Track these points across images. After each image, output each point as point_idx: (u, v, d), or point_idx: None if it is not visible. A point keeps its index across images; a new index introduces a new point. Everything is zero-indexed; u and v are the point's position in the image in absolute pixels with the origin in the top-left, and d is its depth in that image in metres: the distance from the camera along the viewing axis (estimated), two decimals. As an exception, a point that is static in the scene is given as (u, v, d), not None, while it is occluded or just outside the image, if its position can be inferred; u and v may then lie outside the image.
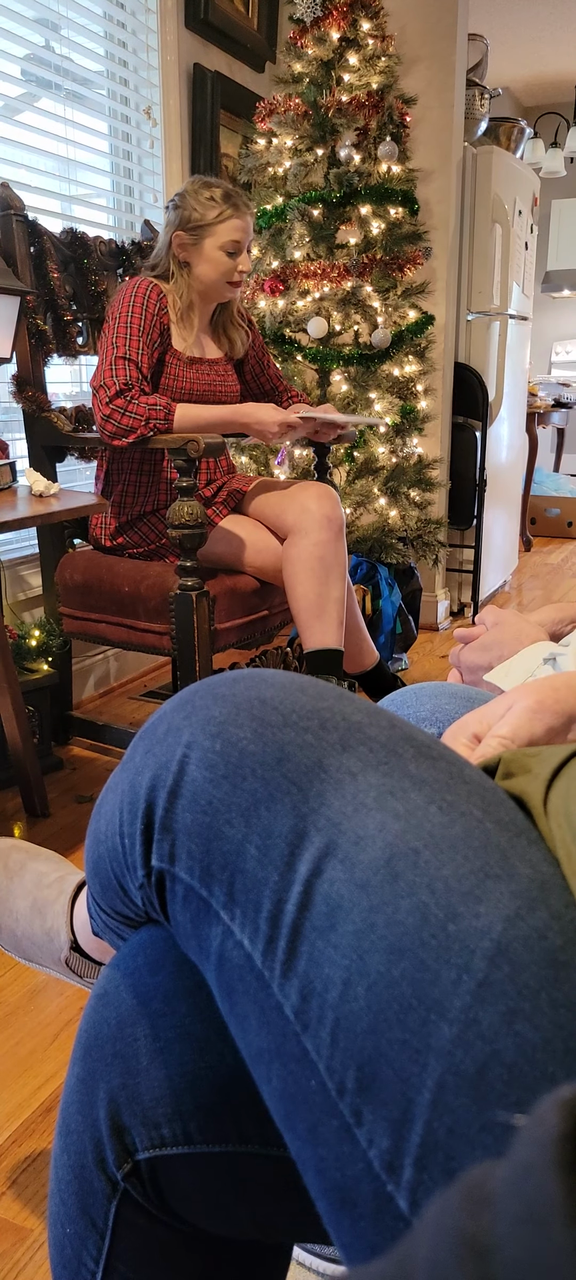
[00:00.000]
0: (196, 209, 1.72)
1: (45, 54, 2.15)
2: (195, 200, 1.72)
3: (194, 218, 1.72)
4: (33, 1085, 1.08)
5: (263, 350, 2.01)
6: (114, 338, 1.66)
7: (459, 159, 2.83)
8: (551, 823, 0.38)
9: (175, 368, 1.77)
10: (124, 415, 1.60)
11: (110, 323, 1.69)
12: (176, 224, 1.74)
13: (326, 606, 1.72)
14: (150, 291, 1.71)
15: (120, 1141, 0.46)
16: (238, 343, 1.90)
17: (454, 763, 0.40)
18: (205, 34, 2.60)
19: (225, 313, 1.89)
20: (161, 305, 1.73)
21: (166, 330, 1.75)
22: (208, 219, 1.72)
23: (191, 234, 1.73)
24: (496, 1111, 0.31)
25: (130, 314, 1.68)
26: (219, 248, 1.73)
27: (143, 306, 1.69)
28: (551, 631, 0.78)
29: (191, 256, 1.75)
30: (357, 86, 2.36)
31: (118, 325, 1.67)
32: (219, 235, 1.72)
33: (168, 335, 1.76)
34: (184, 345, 1.79)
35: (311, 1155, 0.36)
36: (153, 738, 0.44)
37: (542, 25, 4.42)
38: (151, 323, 1.70)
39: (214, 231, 1.72)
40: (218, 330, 1.89)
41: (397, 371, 2.52)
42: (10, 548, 2.08)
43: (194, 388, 1.79)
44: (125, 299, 1.70)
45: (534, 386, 4.73)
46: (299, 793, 0.38)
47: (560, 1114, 0.19)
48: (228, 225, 1.72)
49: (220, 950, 0.39)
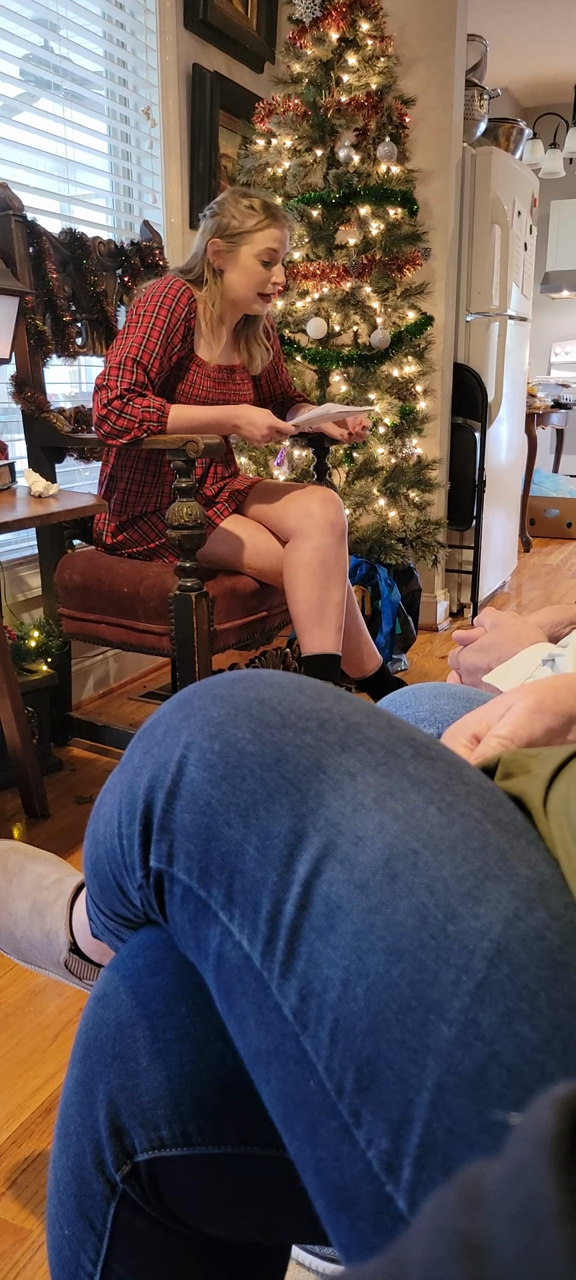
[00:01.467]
0: (235, 217, 1.72)
1: (44, 54, 2.15)
2: (234, 208, 1.72)
3: (232, 225, 1.72)
4: (32, 1086, 1.08)
5: (279, 356, 2.01)
6: (133, 336, 1.65)
7: (458, 160, 2.83)
8: (551, 823, 0.38)
9: (196, 375, 1.77)
10: (119, 417, 1.61)
11: (133, 317, 1.68)
12: (213, 231, 1.74)
13: (326, 611, 1.72)
14: (181, 294, 1.70)
15: (119, 1143, 0.46)
16: (257, 359, 1.89)
17: (453, 763, 0.40)
18: (204, 34, 2.60)
19: (251, 326, 1.88)
20: (191, 309, 1.72)
21: (191, 334, 1.74)
22: (246, 226, 1.71)
23: (228, 240, 1.72)
24: (495, 1112, 0.31)
25: (156, 314, 1.67)
26: (254, 255, 1.72)
27: (170, 308, 1.68)
28: (550, 633, 0.78)
29: (226, 263, 1.74)
30: (357, 87, 2.36)
31: (140, 324, 1.66)
32: (255, 244, 1.72)
33: (191, 339, 1.75)
34: (210, 355, 1.78)
35: (310, 1156, 0.36)
36: (151, 739, 0.44)
37: (542, 26, 4.42)
38: (176, 326, 1.69)
39: (251, 240, 1.72)
40: (239, 341, 1.88)
41: (397, 372, 2.52)
42: (9, 548, 2.07)
43: (210, 397, 1.79)
44: (155, 297, 1.69)
45: (533, 387, 4.73)
46: (297, 793, 0.38)
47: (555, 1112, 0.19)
48: (265, 234, 1.72)
49: (219, 951, 0.39)
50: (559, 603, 1.47)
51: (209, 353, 1.78)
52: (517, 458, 3.72)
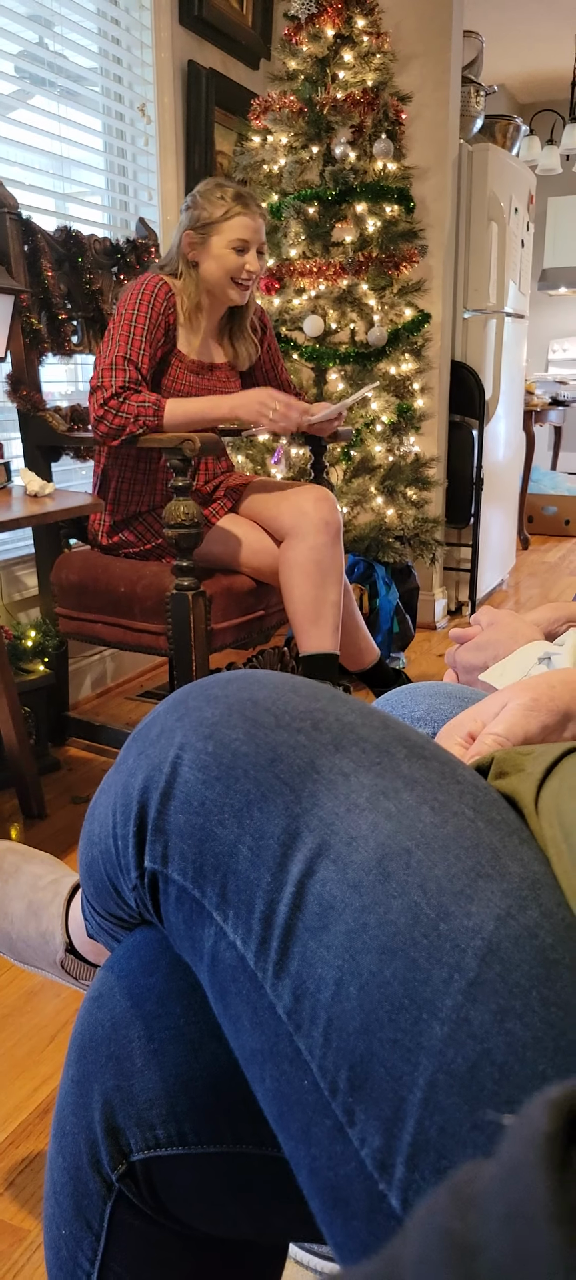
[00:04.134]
0: (206, 207, 1.72)
1: (39, 51, 2.14)
2: (205, 199, 1.73)
3: (203, 216, 1.72)
4: (29, 1087, 1.08)
5: (277, 354, 2.00)
6: (118, 336, 1.65)
7: (454, 156, 2.83)
8: (542, 821, 0.38)
9: (177, 369, 1.77)
10: (116, 415, 1.61)
11: (116, 319, 1.69)
12: (187, 224, 1.74)
13: (322, 610, 1.72)
14: (159, 289, 1.71)
15: (115, 1143, 0.46)
16: (243, 355, 1.89)
17: (446, 763, 0.40)
18: (199, 31, 2.59)
19: (236, 321, 1.87)
20: (169, 303, 1.72)
21: (172, 329, 1.75)
22: (215, 216, 1.71)
23: (200, 232, 1.73)
24: (486, 1110, 0.31)
25: (136, 311, 1.67)
26: (226, 245, 1.72)
27: (149, 304, 1.69)
28: (546, 631, 0.78)
29: (199, 255, 1.74)
30: (353, 83, 2.36)
31: (123, 323, 1.66)
32: (226, 233, 1.72)
33: (173, 334, 1.75)
34: (189, 349, 1.78)
35: (304, 1155, 0.36)
36: (145, 740, 0.44)
37: (538, 22, 4.42)
38: (157, 320, 1.69)
39: (221, 229, 1.72)
40: (223, 337, 1.88)
41: (394, 370, 2.52)
42: (5, 548, 2.07)
43: (192, 391, 1.79)
44: (133, 295, 1.70)
45: (531, 384, 4.73)
46: (291, 793, 0.38)
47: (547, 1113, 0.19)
48: (235, 222, 1.72)
49: (213, 951, 0.39)
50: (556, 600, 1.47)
51: (188, 346, 1.78)
52: (515, 455, 3.72)
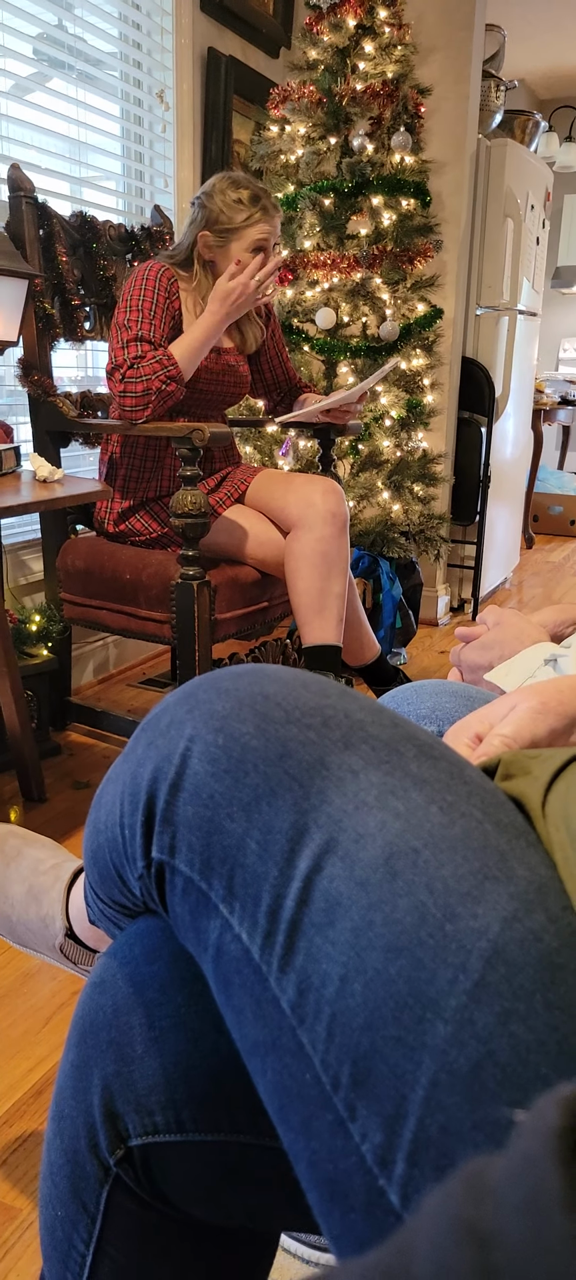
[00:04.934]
0: (224, 211, 1.71)
1: (58, 33, 2.13)
2: (223, 201, 1.71)
3: (221, 220, 1.71)
4: (24, 1067, 1.09)
5: (281, 343, 2.00)
6: (125, 320, 1.65)
7: (472, 151, 2.82)
8: (549, 826, 0.38)
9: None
10: (137, 382, 1.60)
11: (121, 305, 1.68)
12: (202, 223, 1.73)
13: (327, 602, 1.72)
14: (161, 275, 1.70)
15: (113, 1127, 0.46)
16: (250, 338, 1.89)
17: (455, 763, 0.40)
18: (220, 18, 2.58)
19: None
20: (173, 289, 1.72)
21: (177, 315, 1.74)
22: (236, 223, 1.71)
23: (218, 236, 1.72)
24: (489, 1110, 0.31)
25: (142, 296, 1.67)
26: (245, 250, 1.72)
27: (154, 289, 1.68)
28: (552, 632, 0.78)
29: (217, 257, 1.74)
30: (373, 75, 2.35)
31: (129, 309, 1.66)
32: (245, 239, 1.72)
33: (178, 321, 1.75)
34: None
35: (304, 1148, 0.36)
36: (155, 730, 0.44)
37: (560, 17, 4.38)
38: (163, 305, 1.69)
39: (241, 235, 1.71)
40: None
41: (405, 365, 2.51)
42: (12, 532, 2.07)
43: (201, 375, 1.78)
44: (137, 282, 1.69)
45: (540, 383, 4.71)
46: (300, 789, 0.38)
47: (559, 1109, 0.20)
48: (255, 229, 1.72)
49: (218, 943, 0.39)
50: (560, 601, 1.46)
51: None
52: (523, 454, 3.70)
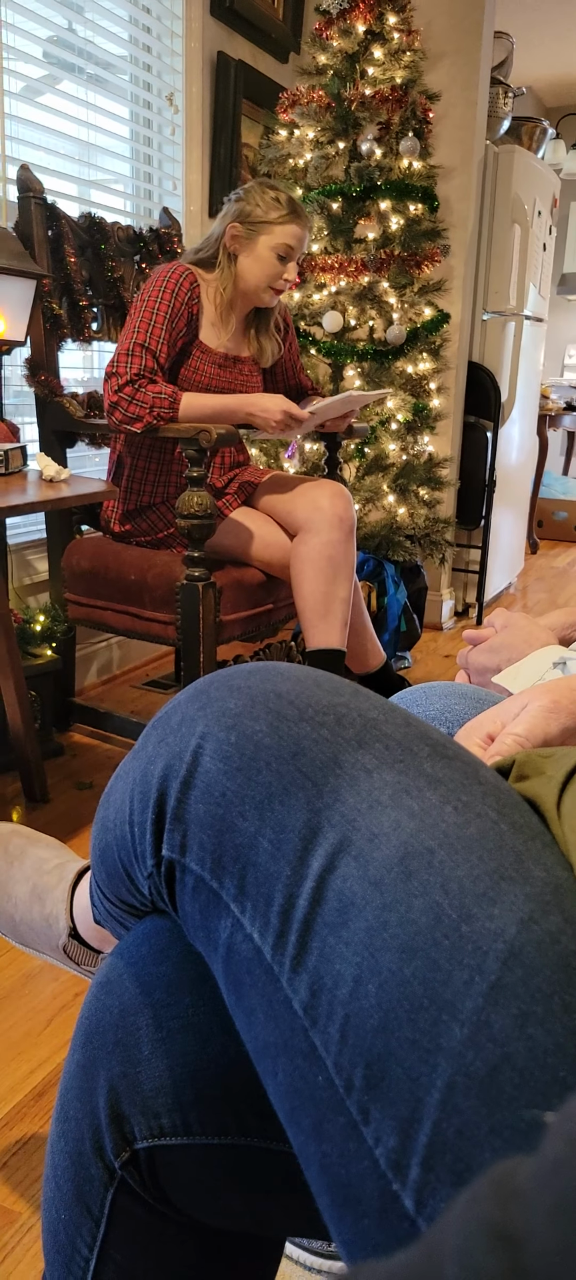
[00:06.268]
0: (259, 205, 1.72)
1: (68, 36, 2.14)
2: (259, 197, 1.72)
3: (255, 213, 1.72)
4: (25, 1069, 1.08)
5: (296, 354, 2.01)
6: (137, 322, 1.65)
7: (480, 157, 2.82)
8: (564, 826, 0.38)
9: (200, 361, 1.76)
10: (131, 404, 1.60)
11: (138, 305, 1.68)
12: (234, 216, 1.73)
13: (332, 606, 1.72)
14: (183, 278, 1.70)
15: (119, 1130, 0.46)
16: (268, 352, 1.88)
17: (469, 763, 0.40)
18: (230, 22, 2.59)
19: (263, 318, 1.87)
20: (194, 293, 1.72)
21: (195, 319, 1.74)
22: (269, 217, 1.71)
23: (248, 227, 1.72)
24: (507, 1114, 0.31)
25: (159, 300, 1.67)
26: (271, 248, 1.72)
27: (173, 293, 1.68)
28: (560, 636, 0.78)
29: (242, 248, 1.74)
30: (381, 80, 2.35)
31: (144, 310, 1.66)
32: (275, 236, 1.72)
33: (195, 324, 1.75)
34: (216, 341, 1.77)
35: (315, 1151, 0.35)
36: (166, 727, 0.43)
37: (568, 25, 4.39)
38: (179, 310, 1.69)
39: (271, 231, 1.72)
40: (249, 332, 1.87)
41: (411, 369, 2.51)
42: (18, 531, 2.07)
43: (213, 384, 1.78)
44: (157, 283, 1.69)
45: (546, 389, 4.71)
46: (313, 788, 0.38)
47: None
48: (286, 229, 1.72)
49: (229, 942, 0.39)
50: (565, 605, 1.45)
51: (216, 339, 1.77)
52: (528, 459, 3.70)
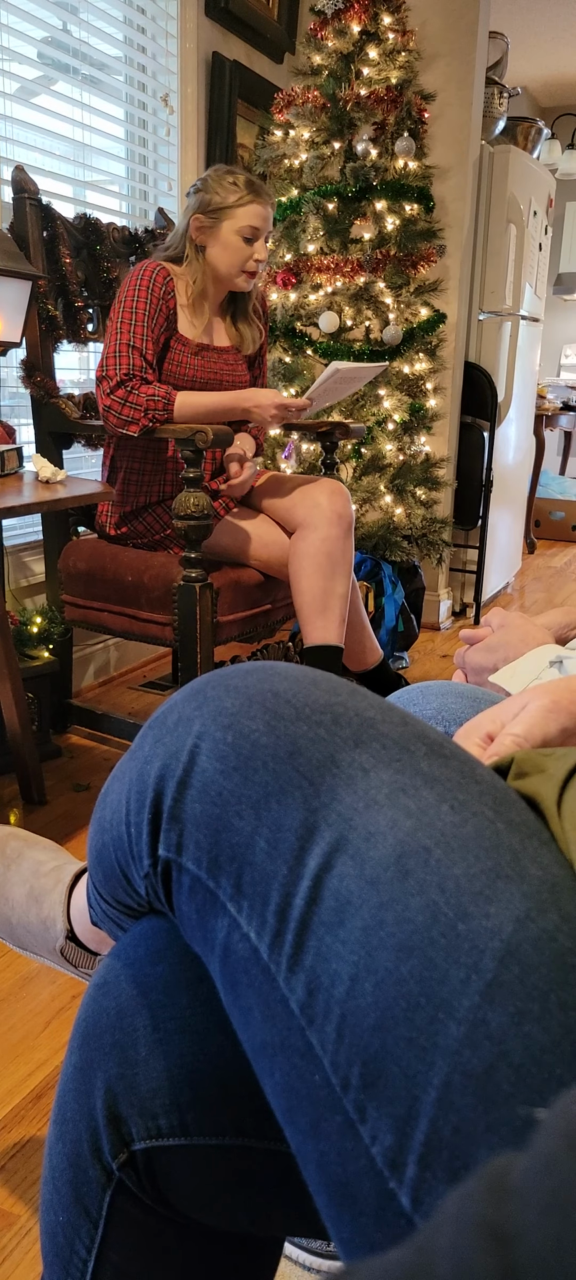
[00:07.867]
0: (218, 192, 1.71)
1: (63, 37, 2.14)
2: (217, 184, 1.72)
3: (214, 201, 1.72)
4: (23, 1072, 1.08)
5: (265, 351, 2.01)
6: (119, 324, 1.65)
7: (475, 157, 2.82)
8: (565, 824, 0.38)
9: (180, 354, 1.76)
10: (124, 406, 1.60)
11: (116, 307, 1.68)
12: (196, 207, 1.74)
13: (330, 603, 1.72)
14: (156, 274, 1.70)
15: (116, 1131, 0.46)
16: (248, 338, 1.88)
17: (466, 762, 0.40)
18: (225, 23, 2.59)
19: (240, 305, 1.87)
20: (168, 288, 1.72)
21: (173, 314, 1.74)
22: (228, 202, 1.71)
23: (210, 216, 1.72)
24: (503, 1112, 0.31)
25: (136, 298, 1.67)
26: (236, 231, 1.72)
27: (148, 290, 1.68)
28: (557, 635, 0.78)
29: (208, 239, 1.74)
30: (376, 81, 2.35)
31: (123, 311, 1.66)
32: (237, 219, 1.72)
33: (174, 319, 1.75)
34: (193, 332, 1.77)
35: (313, 1150, 0.35)
36: (163, 727, 0.43)
37: (563, 26, 4.40)
38: (157, 306, 1.69)
39: (233, 215, 1.71)
40: (227, 319, 1.87)
41: (408, 369, 2.51)
42: (14, 533, 2.07)
43: (198, 375, 1.78)
44: (132, 283, 1.69)
45: (542, 389, 4.72)
46: (310, 787, 0.38)
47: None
48: (247, 210, 1.72)
49: (226, 942, 0.39)
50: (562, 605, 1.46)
51: (191, 330, 1.77)
52: (525, 459, 3.71)
